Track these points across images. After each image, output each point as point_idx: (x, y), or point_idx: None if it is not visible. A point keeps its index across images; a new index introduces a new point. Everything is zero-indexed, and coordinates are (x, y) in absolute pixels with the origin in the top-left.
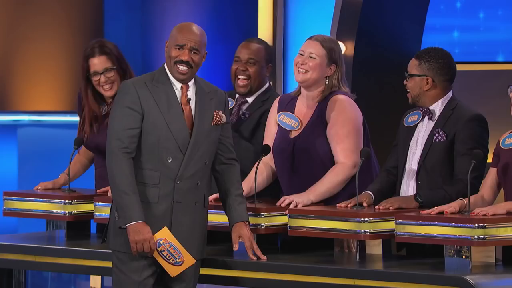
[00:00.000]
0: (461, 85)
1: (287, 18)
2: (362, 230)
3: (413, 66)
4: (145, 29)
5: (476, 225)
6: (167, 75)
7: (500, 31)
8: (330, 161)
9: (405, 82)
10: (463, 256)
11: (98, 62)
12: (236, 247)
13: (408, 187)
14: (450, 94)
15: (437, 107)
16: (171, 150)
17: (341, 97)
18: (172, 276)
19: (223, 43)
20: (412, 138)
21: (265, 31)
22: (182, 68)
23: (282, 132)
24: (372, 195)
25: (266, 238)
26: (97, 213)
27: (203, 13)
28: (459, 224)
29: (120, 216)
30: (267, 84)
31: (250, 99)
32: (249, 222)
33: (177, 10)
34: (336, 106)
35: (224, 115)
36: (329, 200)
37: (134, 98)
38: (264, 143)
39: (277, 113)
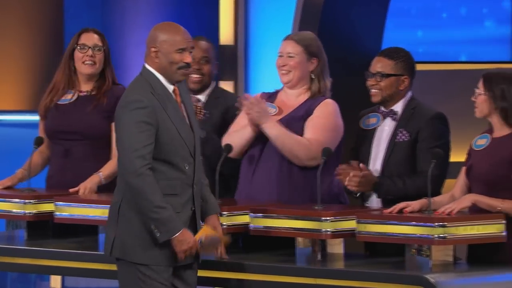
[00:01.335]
0: (424, 85)
1: (248, 17)
2: (324, 229)
3: (386, 65)
4: (106, 28)
5: (437, 224)
6: (159, 79)
7: (463, 31)
8: None
9: (373, 82)
10: (424, 255)
11: (90, 38)
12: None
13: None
14: (409, 94)
15: (399, 107)
16: (186, 157)
17: (332, 102)
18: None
19: None
20: (373, 141)
21: (226, 30)
22: (187, 71)
23: None
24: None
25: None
26: (58, 213)
27: (164, 12)
28: (420, 223)
29: (162, 231)
30: (214, 82)
31: (202, 97)
32: (221, 214)
33: (138, 9)
34: (325, 106)
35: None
36: (295, 200)
37: (149, 112)
38: (227, 135)
39: None
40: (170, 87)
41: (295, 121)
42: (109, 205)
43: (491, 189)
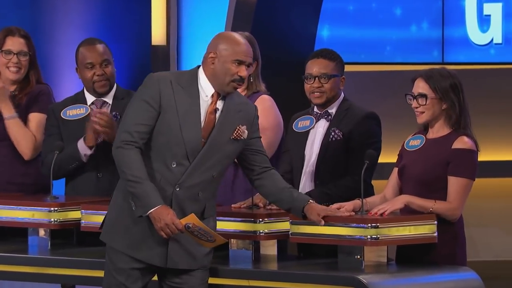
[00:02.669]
0: (358, 86)
1: (180, 17)
2: (258, 231)
3: (328, 66)
4: (35, 27)
5: (369, 225)
6: (198, 80)
7: (398, 33)
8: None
9: (317, 84)
10: (356, 256)
11: (16, 43)
12: (323, 222)
13: (306, 188)
14: (342, 94)
15: (334, 108)
16: (178, 156)
17: (268, 97)
18: (206, 247)
19: (116, 43)
20: (307, 143)
21: (158, 31)
22: (239, 85)
23: None
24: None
25: None
26: None
27: (94, 12)
28: (353, 224)
29: (137, 206)
30: (115, 83)
31: (108, 99)
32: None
33: (68, 8)
34: (262, 103)
35: (246, 131)
36: (229, 201)
37: (154, 94)
38: None
39: None
40: (210, 91)
41: None
42: (38, 207)
43: (425, 190)
